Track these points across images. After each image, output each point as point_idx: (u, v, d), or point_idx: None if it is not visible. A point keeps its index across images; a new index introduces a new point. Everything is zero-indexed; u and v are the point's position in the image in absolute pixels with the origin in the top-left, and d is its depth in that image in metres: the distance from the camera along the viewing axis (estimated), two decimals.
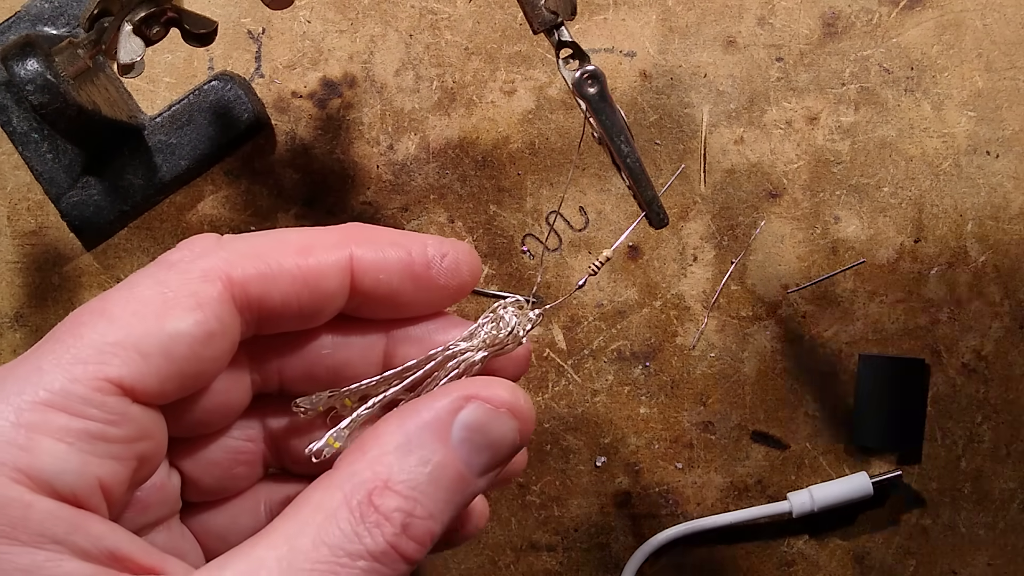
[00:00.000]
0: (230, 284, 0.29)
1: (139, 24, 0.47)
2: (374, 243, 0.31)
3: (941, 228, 0.59)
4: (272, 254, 0.29)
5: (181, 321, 0.28)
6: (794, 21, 0.59)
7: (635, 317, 0.59)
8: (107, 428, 0.27)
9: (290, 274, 0.29)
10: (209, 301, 0.28)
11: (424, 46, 0.60)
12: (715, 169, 0.59)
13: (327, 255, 0.30)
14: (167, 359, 0.28)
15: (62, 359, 0.27)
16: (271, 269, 0.29)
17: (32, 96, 0.49)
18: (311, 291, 0.30)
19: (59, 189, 0.58)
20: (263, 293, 0.29)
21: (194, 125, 0.58)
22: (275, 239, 0.30)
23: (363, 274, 0.31)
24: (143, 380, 0.27)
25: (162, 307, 0.28)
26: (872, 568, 0.59)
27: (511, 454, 0.30)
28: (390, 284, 0.31)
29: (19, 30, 0.57)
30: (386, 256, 0.31)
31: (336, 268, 0.30)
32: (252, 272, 0.29)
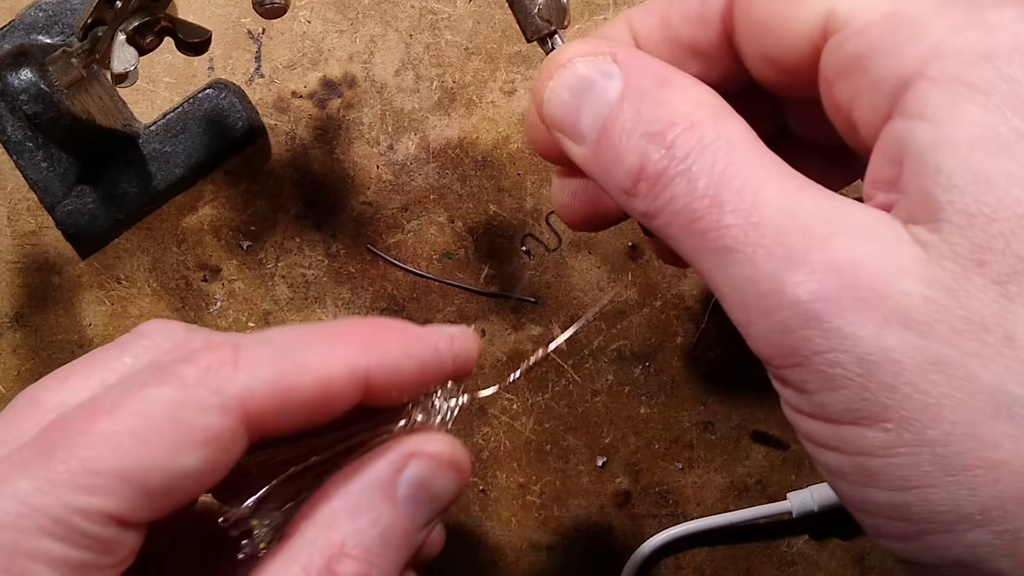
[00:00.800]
0: (245, 417, 0.27)
1: (133, 33, 0.47)
2: (389, 354, 0.30)
3: None
4: (288, 378, 0.28)
5: (191, 457, 0.26)
6: None
7: (635, 317, 0.59)
8: (100, 557, 0.26)
9: (305, 401, 0.28)
10: (222, 435, 0.27)
11: (424, 46, 0.59)
12: None
13: (343, 379, 0.29)
14: (169, 494, 0.26)
15: (64, 484, 0.25)
16: (288, 399, 0.28)
17: (26, 106, 0.49)
18: (322, 412, 0.29)
19: (54, 198, 0.58)
20: (276, 420, 0.28)
21: (189, 133, 0.58)
22: (294, 361, 0.29)
23: (377, 388, 0.30)
24: (142, 513, 0.26)
25: (173, 439, 0.26)
26: (872, 568, 0.59)
27: (451, 503, 0.31)
28: (400, 397, 0.31)
29: (13, 39, 0.57)
30: (400, 371, 0.30)
31: (351, 389, 0.29)
32: (270, 405, 0.28)
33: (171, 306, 0.59)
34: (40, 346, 0.59)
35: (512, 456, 0.59)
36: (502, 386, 0.36)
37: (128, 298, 0.59)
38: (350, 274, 0.59)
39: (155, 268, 0.59)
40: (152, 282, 0.59)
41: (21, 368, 0.59)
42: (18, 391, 0.59)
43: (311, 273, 0.59)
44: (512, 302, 0.59)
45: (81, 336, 0.59)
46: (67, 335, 0.59)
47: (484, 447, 0.59)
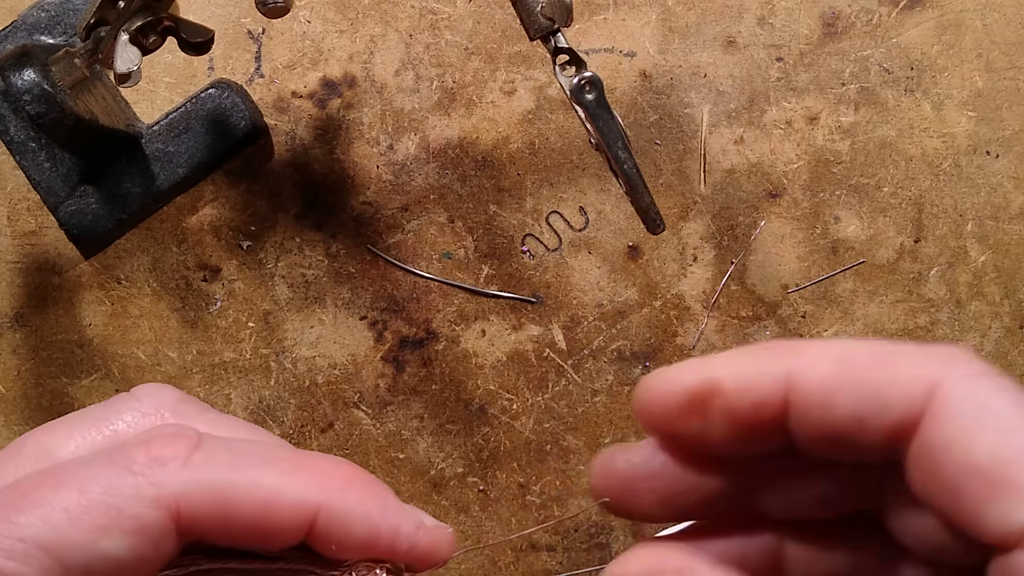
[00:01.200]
0: (178, 516, 0.27)
1: (135, 33, 0.47)
2: (347, 507, 0.29)
3: (941, 228, 0.59)
4: (235, 490, 0.28)
5: (113, 543, 0.26)
6: (794, 21, 0.59)
7: (635, 317, 0.59)
8: None
9: (245, 520, 0.28)
10: (150, 527, 0.27)
11: (424, 46, 0.59)
12: (715, 169, 0.59)
13: (289, 513, 0.28)
14: (88, 573, 0.26)
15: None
16: (228, 513, 0.28)
17: (29, 106, 0.49)
18: (261, 537, 0.28)
19: (57, 198, 0.58)
20: (210, 529, 0.28)
21: (191, 133, 0.58)
22: (247, 477, 0.28)
23: (320, 536, 0.29)
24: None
25: (101, 522, 0.26)
26: None
27: None
28: (340, 553, 0.29)
29: (16, 40, 0.57)
30: (349, 528, 0.29)
31: (294, 525, 0.28)
32: (206, 512, 0.27)
33: (171, 306, 0.59)
34: (40, 346, 0.59)
35: (512, 456, 0.59)
36: None
37: (128, 298, 0.59)
38: (350, 274, 0.59)
39: (155, 268, 0.59)
40: (152, 282, 0.59)
41: (21, 368, 0.59)
42: (18, 391, 0.59)
43: (311, 273, 0.59)
44: (512, 302, 0.59)
45: (81, 336, 0.59)
46: (67, 335, 0.59)
47: (484, 447, 0.59)
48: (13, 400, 0.59)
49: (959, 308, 0.59)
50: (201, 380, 0.59)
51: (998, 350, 0.59)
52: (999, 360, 0.58)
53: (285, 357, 0.59)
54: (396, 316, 0.59)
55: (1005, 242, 0.59)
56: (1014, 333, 0.59)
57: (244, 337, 0.59)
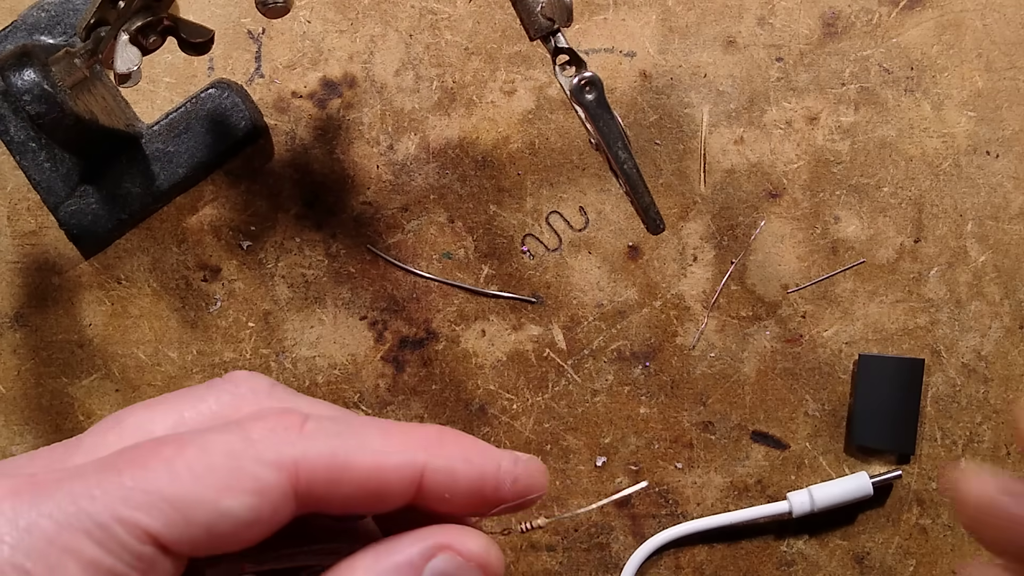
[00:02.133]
0: (296, 480, 0.29)
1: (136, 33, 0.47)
2: (448, 457, 0.31)
3: (941, 228, 0.59)
4: (346, 455, 0.30)
5: (235, 502, 0.28)
6: (794, 21, 0.59)
7: (635, 317, 0.59)
8: (131, 572, 0.27)
9: (358, 483, 0.30)
10: (270, 490, 0.28)
11: (424, 46, 0.59)
12: (715, 169, 0.59)
13: (399, 469, 0.30)
14: (209, 531, 0.28)
15: (114, 495, 0.27)
16: (342, 474, 0.30)
17: (29, 106, 0.49)
18: (373, 500, 0.30)
19: (57, 198, 0.58)
20: (325, 494, 0.30)
21: (191, 133, 0.58)
22: (356, 440, 0.30)
23: (430, 489, 0.31)
24: (180, 542, 0.28)
25: (225, 481, 0.28)
26: (872, 568, 0.59)
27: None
28: (453, 501, 0.31)
29: (16, 40, 0.57)
30: (457, 475, 0.31)
31: (404, 484, 0.30)
32: (322, 477, 0.29)
33: (171, 306, 0.59)
34: (40, 346, 0.59)
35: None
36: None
37: (128, 298, 0.59)
38: (350, 274, 0.59)
39: (155, 268, 0.59)
40: (152, 282, 0.59)
41: (21, 368, 0.59)
42: (18, 391, 0.59)
43: (311, 273, 0.59)
44: (512, 302, 0.59)
45: (81, 336, 0.59)
46: (67, 335, 0.59)
47: None
48: (13, 400, 0.59)
49: (959, 308, 0.59)
50: (201, 380, 0.59)
51: (998, 350, 0.59)
52: (999, 360, 0.59)
53: (285, 357, 0.59)
54: (396, 316, 0.59)
55: (1005, 242, 0.59)
56: (1014, 333, 0.59)
57: (244, 337, 0.59)
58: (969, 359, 0.59)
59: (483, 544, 0.30)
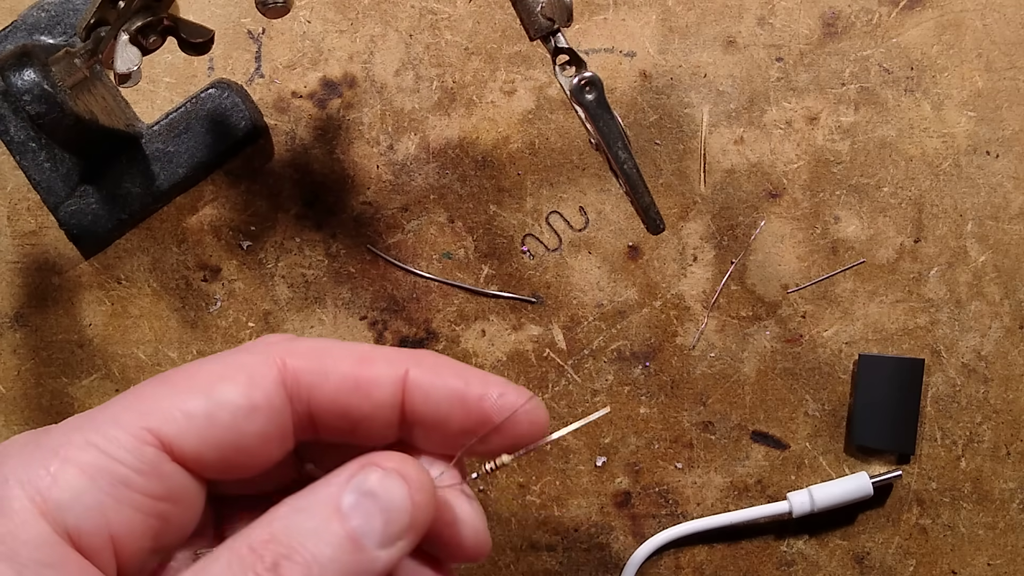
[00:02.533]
0: (284, 369, 0.30)
1: (136, 34, 0.47)
2: (433, 368, 0.32)
3: (941, 228, 0.59)
4: (330, 355, 0.31)
5: (229, 391, 0.29)
6: (794, 21, 0.59)
7: (635, 317, 0.59)
8: (133, 475, 0.28)
9: (342, 374, 0.31)
10: (260, 378, 0.30)
11: (424, 46, 0.59)
12: (715, 169, 0.59)
13: (382, 367, 0.31)
14: (209, 423, 0.29)
15: (116, 408, 0.28)
16: (325, 366, 0.31)
17: (29, 106, 0.49)
18: (361, 396, 0.31)
19: (57, 198, 0.58)
20: (314, 384, 0.30)
21: (191, 133, 0.58)
22: (339, 345, 0.32)
23: (414, 391, 0.31)
24: (181, 438, 0.28)
25: (217, 378, 0.29)
26: (872, 568, 0.59)
27: (408, 522, 0.29)
28: (439, 408, 0.31)
29: (16, 40, 0.57)
30: (442, 380, 0.31)
31: (388, 379, 0.31)
32: (306, 364, 0.30)
33: (171, 306, 0.59)
34: (40, 346, 0.59)
35: None
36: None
37: (128, 298, 0.59)
38: (350, 274, 0.59)
39: (155, 268, 0.59)
40: (152, 282, 0.59)
41: (21, 368, 0.59)
42: (18, 391, 0.59)
43: (311, 273, 0.59)
44: (512, 302, 0.59)
45: (81, 336, 0.59)
46: (67, 335, 0.59)
47: None
48: (13, 400, 0.59)
49: (959, 308, 0.59)
50: None
51: (998, 350, 0.59)
52: (999, 360, 0.59)
53: None
54: (396, 316, 0.59)
55: (1005, 242, 0.59)
56: (1014, 333, 0.59)
57: (244, 337, 0.59)
58: (969, 359, 0.59)
59: (399, 459, 0.30)
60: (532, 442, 0.32)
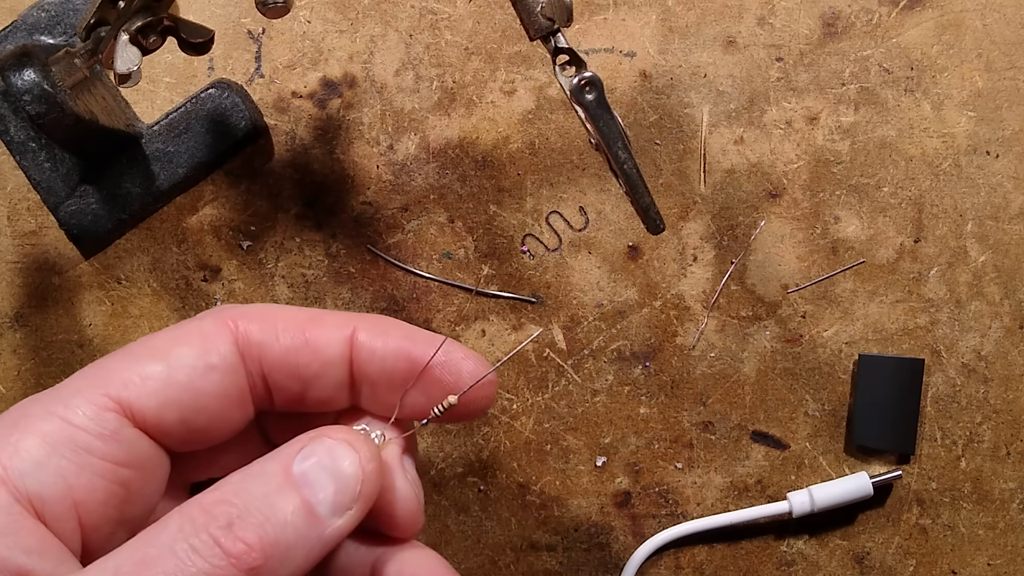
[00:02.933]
0: (236, 331, 0.31)
1: (136, 34, 0.47)
2: (380, 326, 0.32)
3: (941, 228, 0.59)
4: (280, 317, 0.32)
5: (184, 352, 0.30)
6: (794, 21, 0.59)
7: (635, 317, 0.59)
8: (94, 441, 0.28)
9: (292, 333, 0.31)
10: (214, 340, 0.30)
11: (424, 46, 0.59)
12: (715, 169, 0.59)
13: (331, 326, 0.32)
14: (167, 384, 0.29)
15: (77, 380, 0.29)
16: (276, 327, 0.31)
17: (29, 106, 0.49)
18: (311, 354, 0.31)
19: (57, 198, 0.58)
20: (265, 344, 0.31)
21: (191, 133, 0.58)
22: (289, 308, 0.33)
23: (362, 349, 0.32)
24: (141, 402, 0.29)
25: (172, 342, 0.30)
26: (872, 568, 0.59)
27: (358, 491, 0.30)
28: (385, 365, 0.32)
29: (16, 40, 0.57)
30: (388, 338, 0.32)
31: (336, 337, 0.32)
32: (257, 326, 0.31)
33: (171, 306, 0.59)
34: (40, 346, 0.59)
35: (512, 456, 0.59)
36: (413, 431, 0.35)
37: (128, 298, 0.59)
38: (350, 274, 0.59)
39: (155, 268, 0.59)
40: (152, 282, 0.59)
41: (21, 368, 0.59)
42: (18, 391, 0.59)
43: (311, 273, 0.59)
44: (512, 302, 0.59)
45: (81, 336, 0.59)
46: (67, 335, 0.59)
47: (484, 447, 0.59)
48: (13, 400, 0.59)
49: (959, 308, 0.59)
50: None
51: (998, 350, 0.59)
52: (999, 360, 0.59)
53: None
54: (396, 316, 0.59)
55: (1005, 242, 0.59)
56: (1014, 333, 0.59)
57: None
58: (969, 359, 0.59)
59: (345, 430, 0.31)
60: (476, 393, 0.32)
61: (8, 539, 0.26)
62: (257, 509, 0.27)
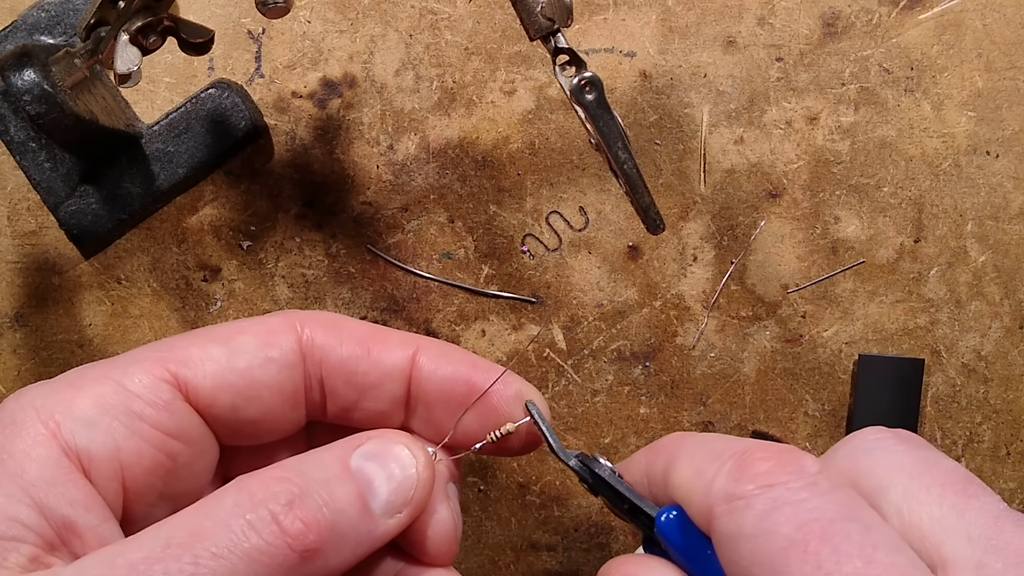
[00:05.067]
0: (300, 330, 0.31)
1: (136, 34, 0.47)
2: (444, 350, 0.33)
3: (941, 228, 0.59)
4: (347, 325, 0.32)
5: (247, 341, 0.30)
6: (794, 21, 0.59)
7: (635, 317, 0.59)
8: (147, 408, 0.28)
9: (356, 340, 0.32)
10: (277, 334, 0.31)
11: (424, 46, 0.59)
12: (715, 169, 0.59)
13: (395, 341, 0.32)
14: (225, 367, 0.30)
15: (138, 352, 0.30)
16: (340, 333, 0.32)
17: (29, 106, 0.49)
18: (371, 363, 0.32)
19: (57, 198, 0.58)
20: (328, 347, 0.31)
21: (191, 133, 0.58)
22: (355, 320, 0.33)
23: (423, 367, 0.32)
24: (197, 380, 0.29)
25: (237, 331, 0.31)
26: None
27: (411, 495, 0.30)
28: (443, 384, 0.32)
29: (16, 40, 0.57)
30: (450, 360, 0.32)
31: (399, 351, 0.32)
32: (323, 329, 0.32)
33: (171, 306, 0.59)
34: (40, 346, 0.59)
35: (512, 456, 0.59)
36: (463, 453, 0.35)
37: (128, 298, 0.59)
38: (350, 274, 0.59)
39: (155, 268, 0.59)
40: (152, 282, 0.59)
41: (21, 368, 0.59)
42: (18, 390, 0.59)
43: (311, 273, 0.59)
44: (512, 302, 0.59)
45: (81, 336, 0.59)
46: (67, 335, 0.59)
47: None
48: None
49: (959, 308, 0.59)
50: None
51: (998, 350, 0.59)
52: (999, 360, 0.59)
53: None
54: (396, 316, 0.59)
55: (1005, 242, 0.59)
56: (1014, 333, 0.59)
57: None
58: (969, 359, 0.59)
59: (406, 435, 0.31)
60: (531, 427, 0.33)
61: (56, 490, 0.27)
62: (317, 492, 0.27)
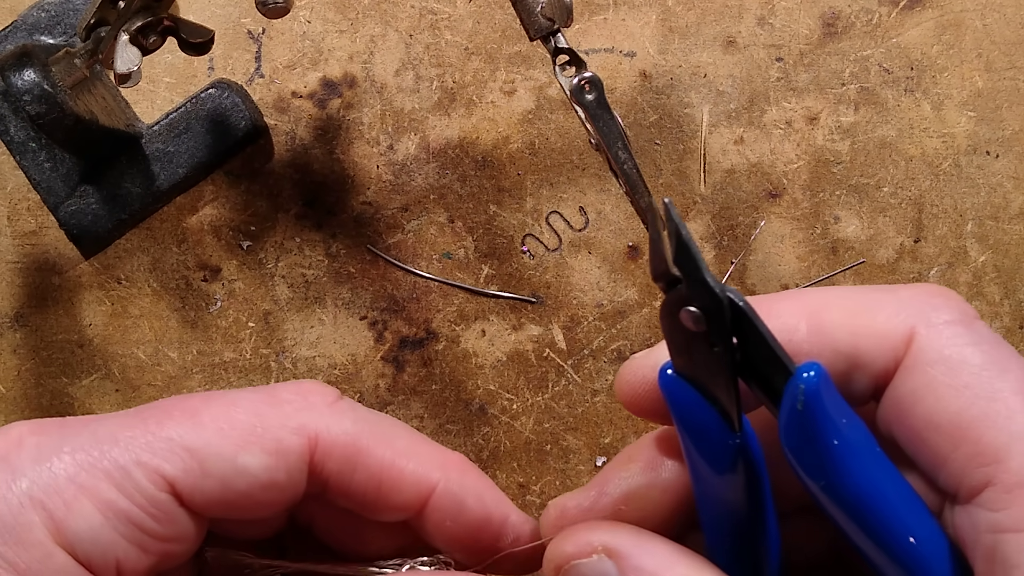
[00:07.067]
0: (314, 451, 0.29)
1: (136, 34, 0.47)
2: (464, 485, 0.31)
3: (941, 228, 0.59)
4: (368, 443, 0.30)
5: (253, 458, 0.28)
6: (794, 21, 0.59)
7: (635, 317, 0.59)
8: (146, 519, 0.28)
9: (371, 474, 0.30)
10: (288, 452, 0.28)
11: (424, 46, 0.60)
12: (715, 169, 0.59)
13: (413, 477, 0.30)
14: (224, 486, 0.28)
15: (137, 441, 0.28)
16: (357, 463, 0.29)
17: (29, 106, 0.49)
18: (378, 500, 0.30)
19: (57, 198, 0.58)
20: (341, 472, 0.29)
21: (191, 133, 0.58)
22: (381, 434, 0.30)
23: (434, 511, 0.30)
24: (193, 492, 0.28)
25: (245, 438, 0.28)
26: None
27: None
28: (450, 532, 0.31)
29: (16, 40, 0.57)
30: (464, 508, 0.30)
31: (413, 492, 0.30)
32: (339, 455, 0.29)
33: (171, 306, 0.59)
34: (40, 346, 0.59)
35: (512, 456, 0.59)
36: None
37: (128, 298, 0.59)
38: (350, 274, 0.59)
39: (155, 268, 0.59)
40: (152, 282, 0.59)
41: (21, 368, 0.59)
42: (18, 391, 0.59)
43: (311, 273, 0.59)
44: (512, 302, 0.59)
45: (81, 336, 0.59)
46: (67, 335, 0.59)
47: (484, 447, 0.59)
48: (13, 400, 0.59)
49: None
50: (201, 380, 0.59)
51: None
52: None
53: (285, 357, 0.59)
54: (396, 316, 0.59)
55: (1005, 242, 0.59)
56: (1014, 333, 0.59)
57: (244, 337, 0.59)
58: None
59: None
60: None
61: None
62: None
